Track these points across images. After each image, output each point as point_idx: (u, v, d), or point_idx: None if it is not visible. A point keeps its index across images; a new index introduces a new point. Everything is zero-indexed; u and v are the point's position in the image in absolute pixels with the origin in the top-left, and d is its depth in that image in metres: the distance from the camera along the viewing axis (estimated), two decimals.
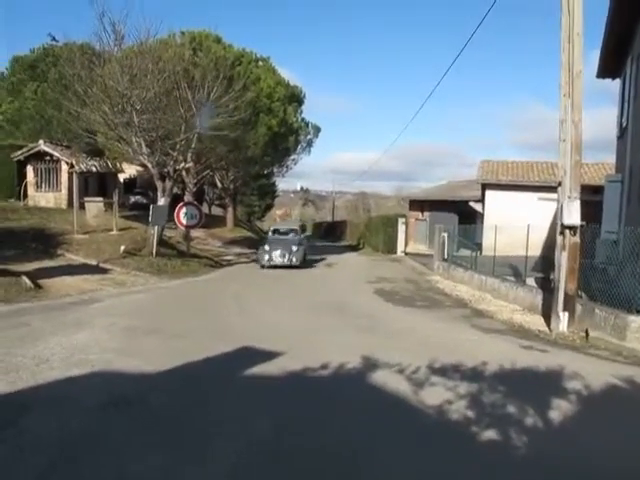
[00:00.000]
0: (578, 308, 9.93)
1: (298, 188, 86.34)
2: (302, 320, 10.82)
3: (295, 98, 34.40)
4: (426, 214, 33.06)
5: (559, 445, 4.87)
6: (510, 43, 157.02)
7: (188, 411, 5.47)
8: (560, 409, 5.66)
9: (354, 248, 38.04)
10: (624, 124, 15.08)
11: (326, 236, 55.42)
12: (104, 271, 16.42)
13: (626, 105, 14.97)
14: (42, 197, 26.64)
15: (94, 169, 28.67)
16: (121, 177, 34.90)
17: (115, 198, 23.73)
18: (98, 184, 29.85)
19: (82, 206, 23.15)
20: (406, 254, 30.38)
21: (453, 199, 30.54)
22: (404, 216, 33.28)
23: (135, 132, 19.05)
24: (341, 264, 25.55)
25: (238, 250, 29.82)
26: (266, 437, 4.86)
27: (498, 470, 4.34)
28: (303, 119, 37.03)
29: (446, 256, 20.11)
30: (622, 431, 5.26)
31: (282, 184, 64.96)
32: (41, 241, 18.49)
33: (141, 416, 5.30)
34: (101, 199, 25.85)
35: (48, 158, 26.69)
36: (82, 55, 19.36)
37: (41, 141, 26.60)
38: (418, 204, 34.37)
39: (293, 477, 4.13)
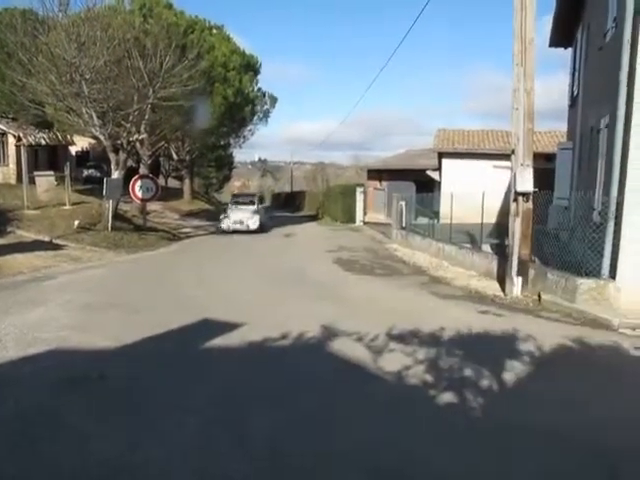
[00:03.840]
0: (531, 272, 10.22)
1: (256, 159, 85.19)
2: (261, 291, 10.83)
3: (251, 67, 33.80)
4: (384, 183, 33.20)
5: (513, 405, 5.06)
6: (464, 10, 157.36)
7: (148, 386, 5.45)
8: (514, 370, 5.87)
9: (313, 218, 38.02)
10: (575, 93, 15.39)
11: (285, 207, 55.15)
12: (58, 247, 15.98)
13: (577, 74, 15.26)
14: None
15: (43, 142, 27.66)
16: (73, 150, 33.87)
17: (67, 172, 22.96)
18: (48, 158, 28.83)
19: (32, 181, 22.33)
20: (365, 223, 30.56)
21: (411, 168, 30.70)
22: (362, 185, 33.34)
23: (85, 103, 18.38)
24: (300, 234, 25.56)
25: (196, 222, 29.44)
26: (228, 410, 4.89)
27: (455, 430, 4.49)
28: (259, 89, 36.53)
29: (404, 224, 20.32)
30: (572, 388, 5.50)
31: (239, 155, 64.48)
32: None
33: (100, 392, 5.24)
34: (52, 173, 24.87)
35: None
36: (24, 22, 18.47)
37: None
38: (376, 173, 34.49)
39: (254, 454, 4.15)
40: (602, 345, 7.05)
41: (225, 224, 24.57)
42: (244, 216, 24.56)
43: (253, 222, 24.38)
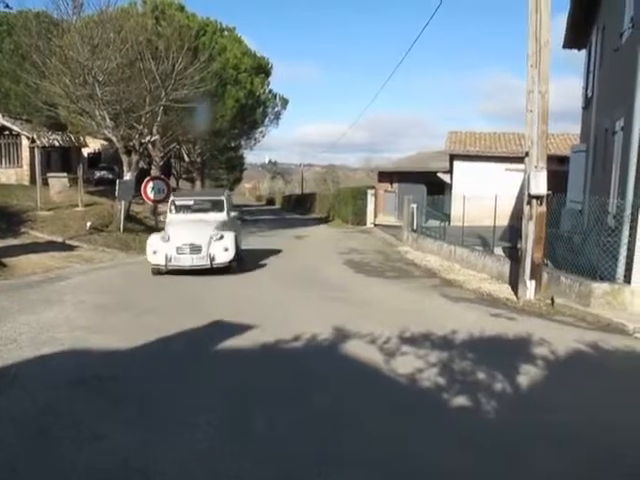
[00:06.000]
0: (544, 276, 10.14)
1: (266, 161, 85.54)
2: (272, 293, 10.82)
3: (262, 69, 33.83)
4: (395, 185, 33.10)
5: (527, 409, 5.01)
6: (476, 12, 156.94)
7: (159, 386, 5.45)
8: (528, 374, 5.81)
9: (323, 220, 38.04)
10: (589, 95, 15.27)
11: (295, 209, 55.19)
12: (71, 248, 16.10)
13: (591, 76, 15.14)
14: (2, 173, 25.79)
15: (56, 144, 27.83)
16: (85, 152, 34.04)
17: (79, 173, 23.09)
18: (61, 159, 29.05)
19: (45, 182, 22.53)
20: (375, 225, 30.54)
21: (422, 170, 30.60)
22: (373, 188, 33.34)
23: (98, 105, 18.55)
24: (311, 236, 25.57)
25: None
26: (240, 412, 4.88)
27: (468, 434, 4.45)
28: (271, 91, 36.49)
29: (415, 227, 20.27)
30: (586, 393, 5.44)
31: (250, 157, 64.59)
32: (3, 219, 17.98)
33: (113, 393, 5.25)
34: (65, 174, 25.04)
35: (7, 133, 25.83)
36: (39, 24, 18.69)
37: None
38: (387, 176, 34.38)
39: (269, 459, 4.11)
40: (617, 350, 6.96)
41: (159, 255, 12.16)
42: (202, 236, 12.36)
43: (221, 247, 12.38)
